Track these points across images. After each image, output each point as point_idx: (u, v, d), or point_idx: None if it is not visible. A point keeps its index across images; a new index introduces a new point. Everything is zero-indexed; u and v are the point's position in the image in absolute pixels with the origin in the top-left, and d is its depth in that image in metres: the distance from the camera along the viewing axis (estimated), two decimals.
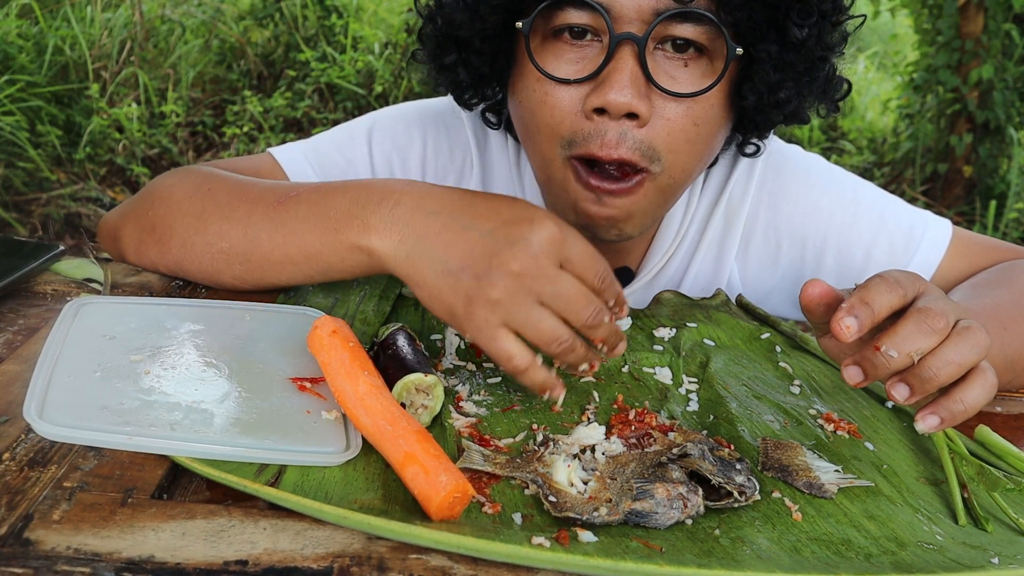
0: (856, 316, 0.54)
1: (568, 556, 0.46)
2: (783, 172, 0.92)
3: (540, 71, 0.72)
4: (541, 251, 0.58)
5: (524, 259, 0.58)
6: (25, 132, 3.25)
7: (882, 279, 0.56)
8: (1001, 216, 3.60)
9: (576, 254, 0.60)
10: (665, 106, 0.71)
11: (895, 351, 0.54)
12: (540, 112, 0.74)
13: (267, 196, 0.73)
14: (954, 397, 0.56)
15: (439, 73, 0.82)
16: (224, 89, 4.17)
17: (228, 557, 0.45)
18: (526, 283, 0.58)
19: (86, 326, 0.64)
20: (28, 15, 3.60)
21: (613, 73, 0.69)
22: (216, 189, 0.76)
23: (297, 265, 0.71)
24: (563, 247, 0.59)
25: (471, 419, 0.62)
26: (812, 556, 0.51)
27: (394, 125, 0.95)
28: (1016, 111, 3.67)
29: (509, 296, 0.58)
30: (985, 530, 0.56)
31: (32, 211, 3.21)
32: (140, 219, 0.81)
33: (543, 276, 0.58)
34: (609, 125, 0.71)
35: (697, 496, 0.53)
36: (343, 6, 4.36)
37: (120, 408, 0.55)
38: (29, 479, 0.50)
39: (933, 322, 0.54)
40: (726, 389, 0.71)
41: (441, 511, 0.49)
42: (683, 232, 0.92)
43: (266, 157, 0.95)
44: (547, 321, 0.58)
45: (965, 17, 3.58)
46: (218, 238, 0.74)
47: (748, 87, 0.75)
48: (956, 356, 0.54)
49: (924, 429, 0.56)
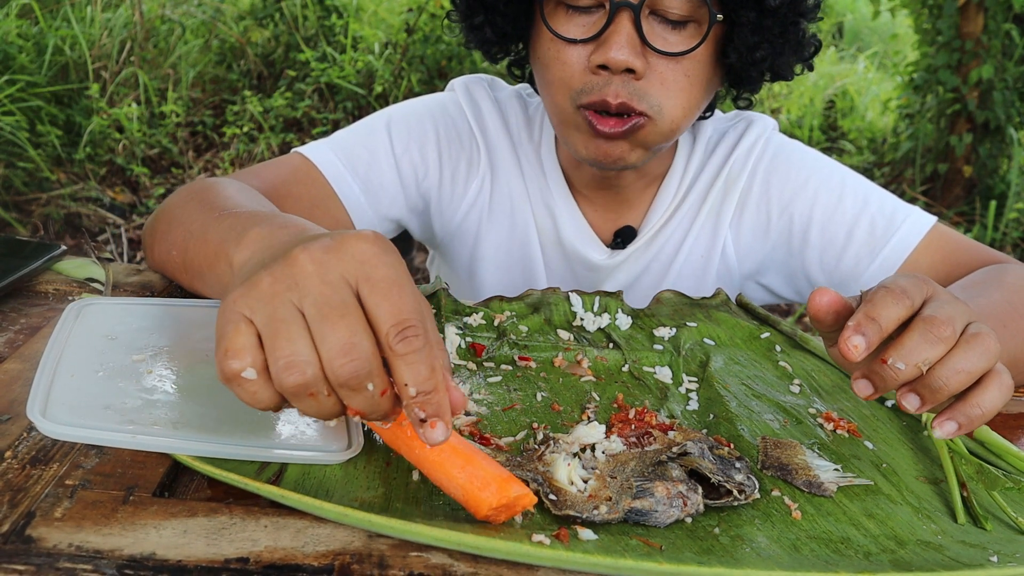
0: (863, 334, 0.53)
1: (568, 554, 0.46)
2: (779, 154, 1.01)
3: (552, 32, 0.84)
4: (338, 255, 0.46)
5: (311, 256, 0.46)
6: (25, 132, 3.25)
7: (888, 291, 0.55)
8: (1001, 216, 3.60)
9: (381, 278, 0.46)
10: (659, 63, 0.82)
11: (902, 363, 0.53)
12: (554, 68, 0.85)
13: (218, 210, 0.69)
14: (971, 402, 0.54)
15: (469, 32, 0.93)
16: (224, 89, 4.18)
17: (229, 555, 0.45)
18: (297, 282, 0.45)
19: (88, 326, 0.65)
20: (28, 15, 3.60)
21: (612, 35, 0.80)
22: (194, 200, 0.75)
23: (204, 276, 0.67)
24: (370, 264, 0.46)
25: (472, 418, 0.63)
26: (811, 554, 0.51)
27: (408, 118, 1.02)
28: (1016, 111, 3.67)
29: (270, 284, 0.46)
30: (984, 529, 0.56)
31: (32, 211, 3.21)
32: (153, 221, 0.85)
33: (318, 280, 0.45)
34: (612, 78, 0.82)
35: (697, 495, 0.53)
36: (343, 6, 4.36)
37: (123, 407, 0.55)
38: (31, 477, 0.50)
39: (939, 331, 0.53)
40: (726, 388, 0.71)
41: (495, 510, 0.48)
42: (683, 191, 1.01)
43: (296, 159, 0.97)
44: (291, 330, 0.44)
45: (965, 17, 3.59)
46: (170, 245, 0.75)
47: (731, 47, 0.86)
48: (965, 364, 0.53)
49: (942, 435, 0.55)
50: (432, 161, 1.02)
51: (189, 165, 3.78)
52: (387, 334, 0.45)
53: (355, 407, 0.46)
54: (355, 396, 0.46)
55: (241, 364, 0.45)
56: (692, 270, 1.02)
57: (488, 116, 1.03)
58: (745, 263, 1.03)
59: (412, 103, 1.05)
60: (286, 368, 0.44)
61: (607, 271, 1.03)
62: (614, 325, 0.82)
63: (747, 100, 0.98)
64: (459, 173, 1.04)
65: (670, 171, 1.01)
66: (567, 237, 1.02)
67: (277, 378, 0.45)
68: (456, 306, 0.82)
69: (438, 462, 0.50)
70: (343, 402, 0.46)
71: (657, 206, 1.01)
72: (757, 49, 0.85)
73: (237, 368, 0.45)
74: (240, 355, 0.45)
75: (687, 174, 1.01)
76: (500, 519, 0.49)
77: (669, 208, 1.01)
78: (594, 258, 1.02)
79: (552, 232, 1.03)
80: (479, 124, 1.03)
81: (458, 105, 1.04)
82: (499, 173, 1.03)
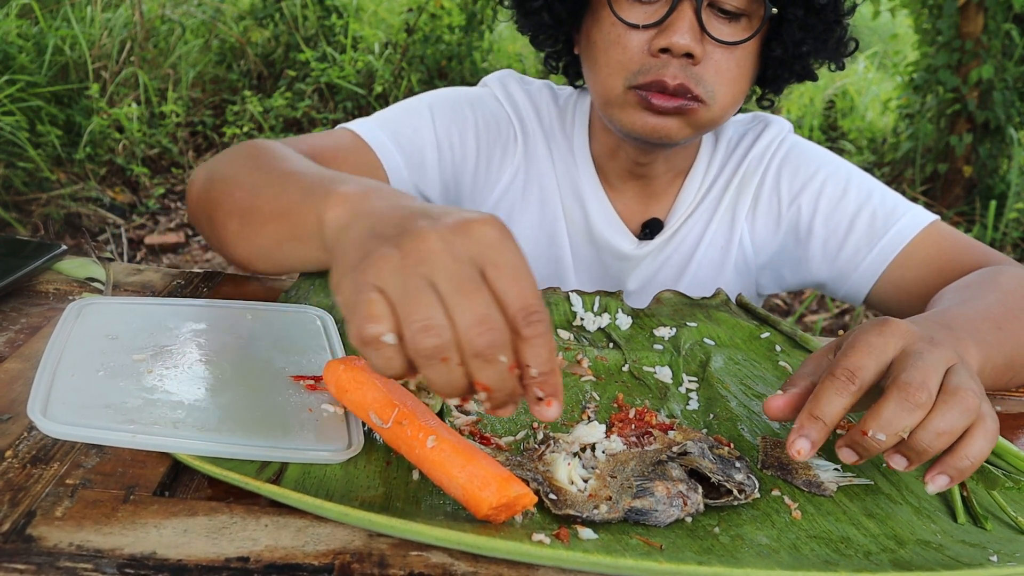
0: (807, 436, 0.54)
1: (568, 553, 0.46)
2: (792, 151, 1.07)
3: (617, 17, 0.90)
4: (467, 237, 0.47)
5: (440, 235, 0.47)
6: (25, 132, 3.25)
7: (831, 380, 0.55)
8: (1001, 216, 3.60)
9: (507, 264, 0.47)
10: (714, 51, 0.89)
11: (882, 434, 0.53)
12: (613, 50, 0.91)
13: (288, 162, 0.72)
14: (959, 455, 0.54)
15: (524, 17, 0.99)
16: (224, 89, 4.18)
17: (230, 554, 0.45)
18: (428, 257, 0.46)
19: (89, 326, 0.65)
20: (28, 15, 3.60)
21: (676, 21, 0.87)
22: (261, 152, 0.76)
23: (276, 225, 0.66)
24: (495, 249, 0.47)
25: (472, 417, 0.63)
26: (811, 554, 0.51)
27: (449, 103, 1.06)
28: (1016, 111, 3.67)
29: (401, 258, 0.46)
30: (984, 528, 0.57)
31: (32, 211, 3.21)
32: (213, 162, 0.82)
33: (450, 258, 0.46)
34: (671, 61, 0.88)
35: (697, 494, 0.53)
36: (343, 6, 4.36)
37: (123, 406, 0.55)
38: (32, 476, 0.50)
39: (915, 398, 0.52)
40: (726, 388, 0.71)
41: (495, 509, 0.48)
42: (705, 187, 1.07)
43: (344, 133, 0.99)
44: (426, 297, 0.46)
45: (965, 17, 3.59)
46: (234, 186, 0.73)
47: (777, 42, 0.94)
48: (946, 425, 0.53)
49: (935, 490, 0.55)
50: (470, 146, 1.06)
51: (189, 165, 3.78)
52: (514, 316, 0.46)
53: (484, 380, 0.47)
54: (487, 368, 0.46)
55: (380, 328, 0.46)
56: (712, 261, 1.07)
57: (523, 107, 1.07)
58: (760, 254, 1.08)
59: (450, 91, 1.09)
60: (423, 330, 0.45)
61: (635, 261, 1.07)
62: (614, 325, 0.82)
63: (770, 101, 1.05)
64: (494, 160, 1.07)
65: (694, 166, 1.07)
66: (597, 227, 1.06)
67: (412, 341, 0.45)
68: None
69: (438, 462, 0.50)
70: (472, 375, 0.47)
71: (682, 199, 1.06)
72: (802, 44, 0.93)
73: (377, 332, 0.46)
74: (379, 320, 0.46)
75: (710, 170, 1.07)
76: (500, 518, 0.49)
77: (693, 202, 1.06)
78: (623, 247, 1.06)
79: (582, 222, 1.07)
80: (516, 114, 1.07)
81: (494, 97, 1.08)
82: (532, 162, 1.07)
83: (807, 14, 0.91)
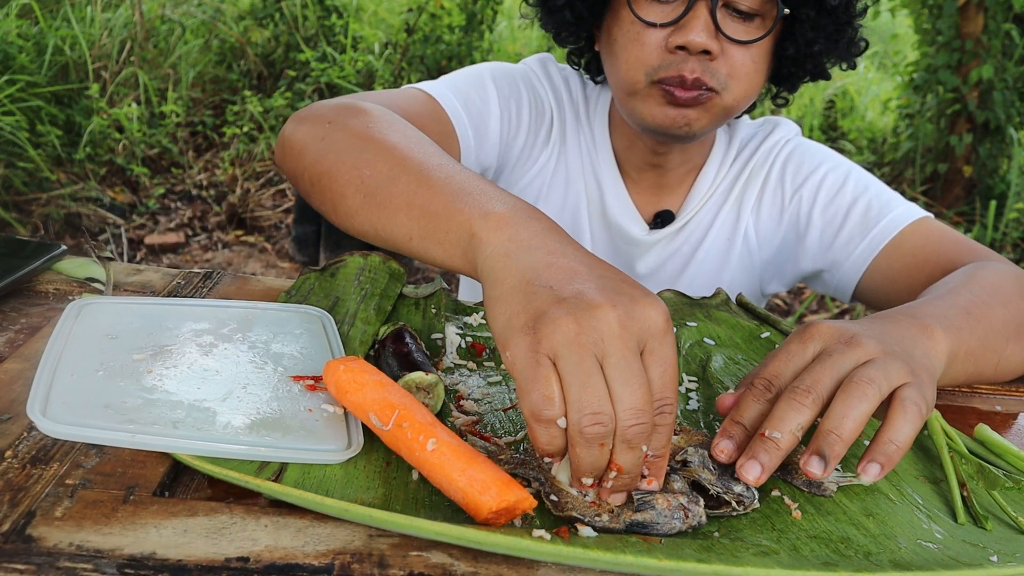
0: (731, 437, 0.58)
1: (568, 549, 0.46)
2: (798, 148, 1.11)
3: (636, 16, 0.93)
4: (638, 321, 0.50)
5: (617, 315, 0.49)
6: (25, 132, 3.25)
7: (750, 390, 0.59)
8: (1001, 216, 3.60)
9: (663, 355, 0.51)
10: (729, 49, 0.93)
11: (777, 432, 0.55)
12: (632, 47, 0.94)
13: (425, 152, 0.70)
14: (883, 439, 0.56)
15: (547, 15, 1.03)
16: (224, 89, 4.18)
17: (229, 554, 0.45)
18: (602, 334, 0.49)
19: (88, 326, 0.65)
20: (28, 15, 3.60)
21: (692, 20, 0.90)
22: (376, 122, 0.75)
23: (411, 218, 0.65)
24: (657, 338, 0.50)
25: (472, 417, 0.63)
26: (811, 554, 0.51)
27: (506, 78, 1.08)
28: (1016, 111, 3.67)
29: (577, 333, 0.48)
30: (984, 528, 0.56)
31: (32, 211, 3.21)
32: (323, 114, 0.79)
33: (622, 343, 0.49)
34: (688, 58, 0.92)
35: (698, 507, 0.53)
36: (343, 6, 4.36)
37: (123, 406, 0.55)
38: (31, 476, 0.50)
39: (801, 399, 0.56)
40: (726, 388, 0.71)
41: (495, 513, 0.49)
42: (717, 183, 1.10)
43: (417, 93, 0.99)
44: (598, 385, 0.48)
45: (965, 17, 3.59)
46: (366, 164, 0.70)
47: (790, 41, 0.97)
48: (845, 409, 0.55)
49: (869, 480, 0.56)
50: (524, 123, 1.09)
51: (189, 165, 3.78)
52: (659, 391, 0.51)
53: (622, 463, 0.50)
54: (629, 453, 0.50)
55: (556, 413, 0.49)
56: (718, 252, 1.11)
57: (561, 90, 1.12)
58: (764, 248, 1.11)
59: (505, 65, 1.11)
60: (592, 419, 0.48)
61: (645, 247, 1.11)
62: None
63: (783, 100, 1.09)
64: (539, 139, 1.10)
65: (707, 162, 1.10)
66: (612, 211, 1.09)
67: (579, 424, 0.48)
68: (456, 306, 0.82)
69: (438, 465, 0.50)
70: (613, 457, 0.50)
71: (695, 193, 1.10)
72: (814, 43, 0.96)
73: (552, 416, 0.49)
74: (554, 403, 0.49)
75: (722, 167, 1.11)
76: (500, 522, 0.49)
77: (704, 196, 1.10)
78: (635, 233, 1.09)
79: (599, 204, 1.10)
80: (555, 97, 1.11)
81: (538, 76, 1.11)
82: (564, 145, 1.11)
83: (819, 15, 0.94)
